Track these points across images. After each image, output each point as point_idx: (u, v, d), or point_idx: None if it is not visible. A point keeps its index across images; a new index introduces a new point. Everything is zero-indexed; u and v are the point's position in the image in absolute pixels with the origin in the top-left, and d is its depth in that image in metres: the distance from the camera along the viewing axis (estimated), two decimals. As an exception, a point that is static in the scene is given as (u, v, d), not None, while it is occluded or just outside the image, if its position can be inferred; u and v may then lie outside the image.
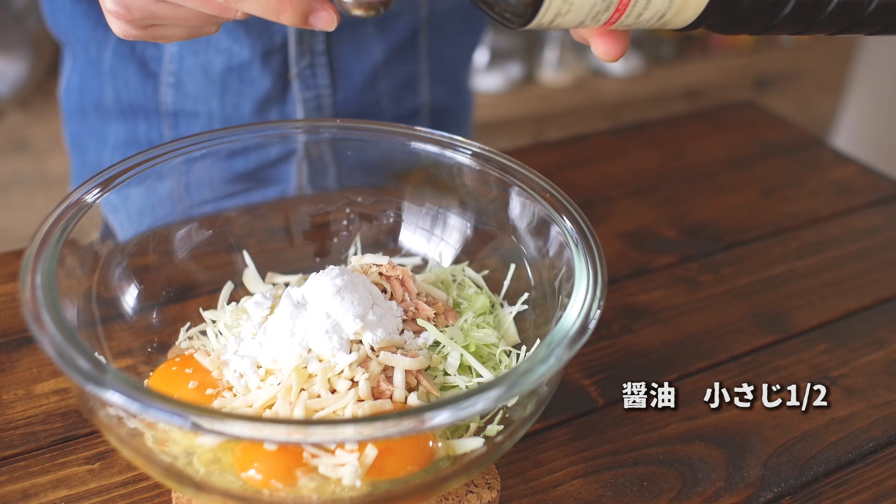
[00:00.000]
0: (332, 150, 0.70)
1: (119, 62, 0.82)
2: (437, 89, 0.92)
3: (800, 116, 2.27)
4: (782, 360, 0.68)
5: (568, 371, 0.66)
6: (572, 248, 0.52)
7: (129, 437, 0.46)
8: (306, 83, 0.82)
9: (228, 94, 0.81)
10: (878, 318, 0.74)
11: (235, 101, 0.81)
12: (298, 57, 0.80)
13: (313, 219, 0.67)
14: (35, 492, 0.54)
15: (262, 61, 0.80)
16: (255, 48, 0.79)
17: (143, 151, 0.56)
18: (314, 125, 0.64)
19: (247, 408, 0.50)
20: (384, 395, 0.50)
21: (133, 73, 0.82)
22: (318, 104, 0.84)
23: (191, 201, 0.62)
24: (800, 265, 0.81)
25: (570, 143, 1.05)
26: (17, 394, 0.61)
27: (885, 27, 0.50)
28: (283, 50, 0.80)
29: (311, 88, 0.82)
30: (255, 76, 0.80)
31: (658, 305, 0.74)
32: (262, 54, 0.79)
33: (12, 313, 0.68)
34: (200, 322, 0.59)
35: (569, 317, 0.47)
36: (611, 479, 0.57)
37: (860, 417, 0.63)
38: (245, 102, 0.82)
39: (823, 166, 1.00)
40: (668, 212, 0.88)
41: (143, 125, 0.84)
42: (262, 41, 0.79)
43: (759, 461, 0.59)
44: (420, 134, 0.61)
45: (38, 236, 0.48)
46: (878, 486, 0.58)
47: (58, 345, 0.42)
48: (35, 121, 1.69)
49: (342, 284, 0.54)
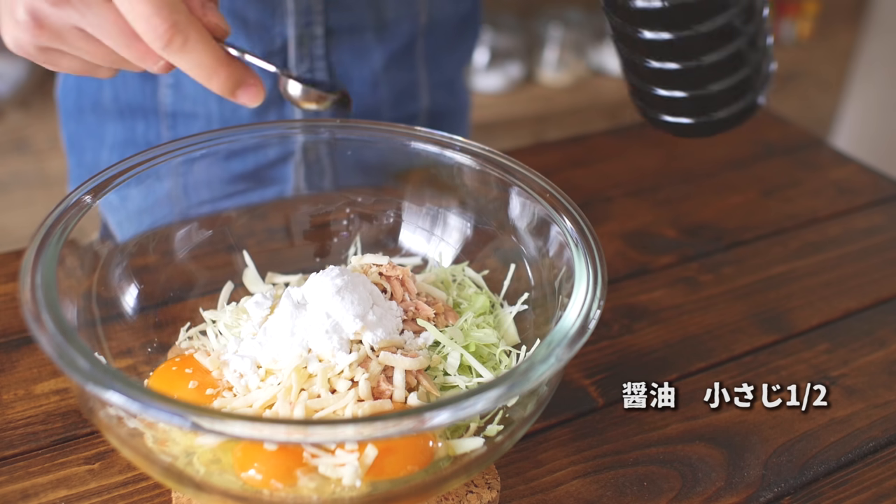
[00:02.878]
0: (331, 150, 0.70)
1: None
2: (435, 94, 0.92)
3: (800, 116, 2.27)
4: (782, 360, 0.68)
5: (568, 371, 0.66)
6: (572, 248, 0.52)
7: (129, 437, 0.46)
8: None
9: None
10: (879, 318, 0.74)
11: (233, 103, 0.81)
12: (298, 61, 0.80)
13: (313, 219, 0.67)
14: (35, 492, 0.54)
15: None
16: (254, 50, 0.79)
17: (142, 152, 0.56)
18: (314, 125, 0.64)
19: (247, 408, 0.50)
20: (384, 395, 0.50)
21: (132, 73, 0.82)
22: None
23: (189, 202, 0.62)
24: (800, 265, 0.81)
25: (570, 143, 1.05)
26: (18, 394, 0.61)
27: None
28: (283, 53, 0.80)
29: None
30: None
31: (658, 305, 0.74)
32: (261, 57, 0.79)
33: (12, 313, 0.68)
34: (200, 322, 0.59)
35: (569, 317, 0.47)
36: (611, 479, 0.57)
37: (860, 417, 0.63)
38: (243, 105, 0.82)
39: (823, 166, 1.00)
40: (668, 212, 0.88)
41: (142, 125, 0.84)
42: (262, 43, 0.79)
43: (759, 461, 0.59)
44: (420, 134, 0.62)
45: (38, 236, 0.48)
46: (879, 486, 0.58)
47: (58, 345, 0.42)
48: (35, 121, 1.69)
49: (342, 284, 0.54)
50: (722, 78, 0.55)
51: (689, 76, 0.54)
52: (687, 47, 0.53)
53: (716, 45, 0.53)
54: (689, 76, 0.54)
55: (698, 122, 0.58)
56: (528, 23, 2.09)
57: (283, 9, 0.78)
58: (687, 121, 0.58)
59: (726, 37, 0.53)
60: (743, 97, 0.57)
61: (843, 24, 2.51)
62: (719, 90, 0.55)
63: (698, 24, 0.51)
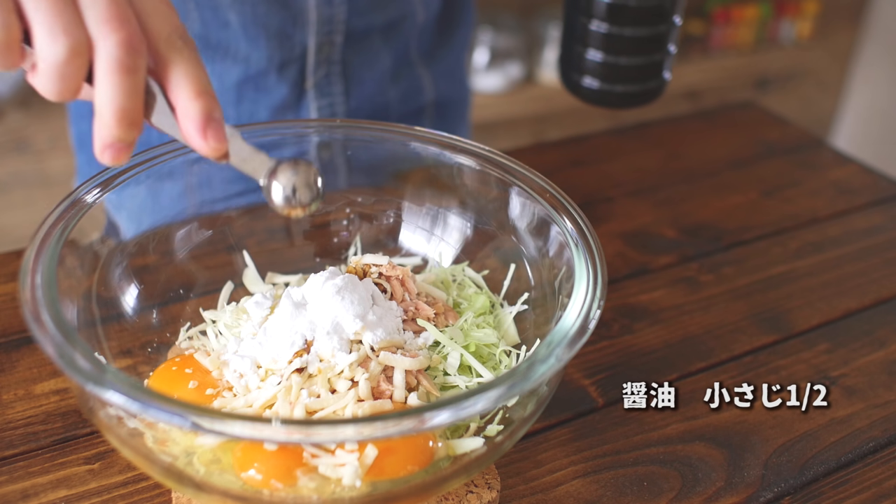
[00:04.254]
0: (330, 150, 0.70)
1: None
2: (439, 86, 0.93)
3: (800, 116, 2.27)
4: (782, 360, 0.69)
5: (568, 371, 0.66)
6: (572, 248, 0.52)
7: (129, 437, 0.46)
8: (321, 91, 0.83)
9: (244, 103, 0.82)
10: (878, 318, 0.74)
11: (251, 108, 0.82)
12: (316, 67, 0.81)
13: (313, 219, 0.67)
14: (35, 492, 0.54)
15: (279, 71, 0.80)
16: (273, 58, 0.79)
17: (143, 151, 0.56)
18: (314, 125, 0.64)
19: (247, 408, 0.49)
20: (384, 395, 0.50)
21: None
22: (331, 112, 0.85)
23: (192, 202, 0.62)
24: (800, 265, 0.81)
25: (570, 143, 1.05)
26: (18, 394, 0.61)
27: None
28: (301, 60, 0.81)
29: (325, 96, 0.84)
30: (272, 85, 0.81)
31: (658, 305, 0.74)
32: (280, 64, 0.80)
33: (12, 313, 0.68)
34: (200, 322, 0.59)
35: (569, 317, 0.47)
36: (611, 479, 0.57)
37: (860, 417, 0.63)
38: (261, 110, 0.82)
39: (823, 166, 1.00)
40: (669, 212, 0.88)
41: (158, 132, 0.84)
42: (282, 52, 0.79)
43: (759, 461, 0.59)
44: (420, 134, 0.62)
45: (38, 236, 0.48)
46: (878, 486, 0.58)
47: (58, 345, 0.42)
48: (35, 121, 1.69)
49: (342, 284, 0.54)
50: (638, 54, 0.66)
51: (617, 43, 0.66)
52: (630, 16, 0.64)
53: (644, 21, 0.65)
54: (617, 43, 0.66)
55: (610, 89, 0.68)
56: (528, 23, 2.09)
57: (305, 18, 0.79)
58: (602, 86, 0.69)
59: (656, 18, 0.64)
60: (652, 79, 0.68)
61: (843, 24, 2.51)
62: (635, 64, 0.67)
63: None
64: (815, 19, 2.44)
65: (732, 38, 2.34)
